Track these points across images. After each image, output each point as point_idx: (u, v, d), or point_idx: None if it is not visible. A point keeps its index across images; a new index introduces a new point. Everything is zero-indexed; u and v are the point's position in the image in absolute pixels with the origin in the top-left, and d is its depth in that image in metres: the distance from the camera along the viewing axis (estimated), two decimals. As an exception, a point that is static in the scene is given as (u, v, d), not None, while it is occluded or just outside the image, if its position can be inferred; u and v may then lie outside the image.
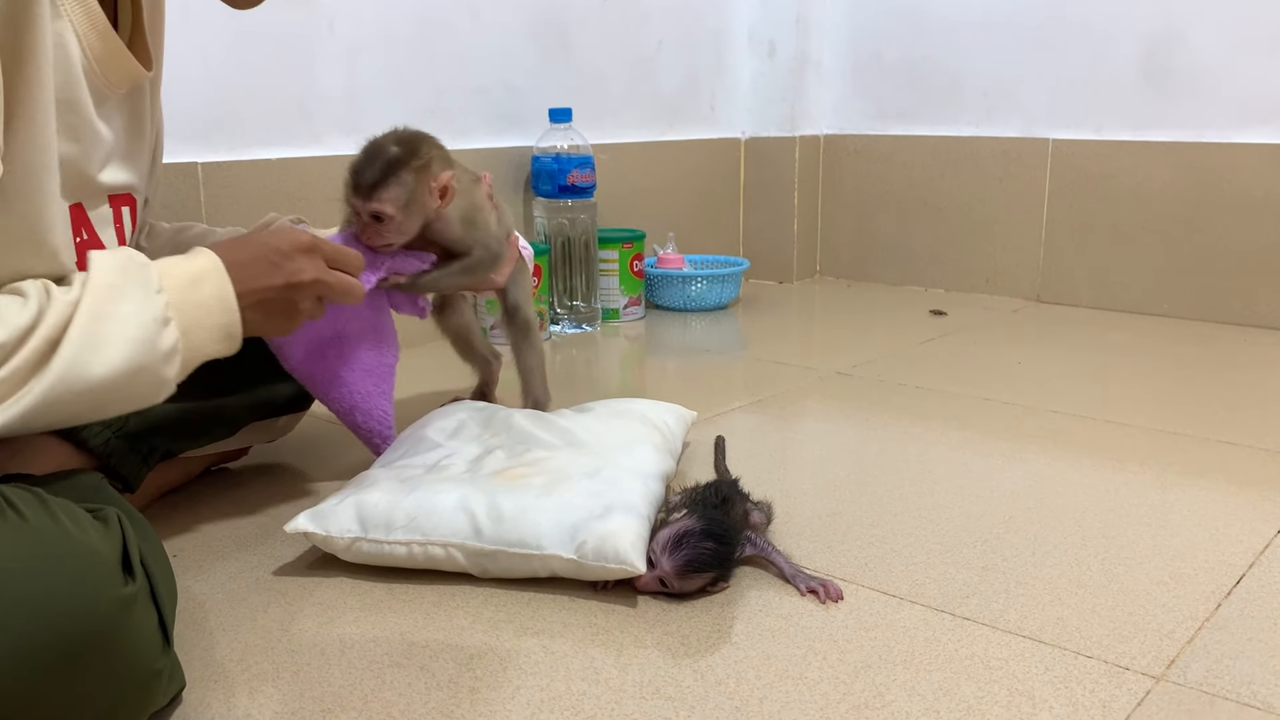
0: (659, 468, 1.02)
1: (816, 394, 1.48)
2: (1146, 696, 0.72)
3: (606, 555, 0.84)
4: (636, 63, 2.08)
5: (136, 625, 0.61)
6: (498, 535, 0.87)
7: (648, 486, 0.96)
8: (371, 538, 0.89)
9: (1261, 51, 1.80)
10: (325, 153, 1.59)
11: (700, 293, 2.02)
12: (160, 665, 0.64)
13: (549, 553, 0.86)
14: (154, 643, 0.63)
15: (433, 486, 0.93)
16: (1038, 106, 2.05)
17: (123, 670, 0.60)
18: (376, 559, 0.90)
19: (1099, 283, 2.02)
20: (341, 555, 0.91)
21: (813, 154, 2.31)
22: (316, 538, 0.90)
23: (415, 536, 0.89)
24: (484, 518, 0.88)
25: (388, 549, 0.89)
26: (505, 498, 0.90)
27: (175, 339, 0.74)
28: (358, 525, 0.90)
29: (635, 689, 0.73)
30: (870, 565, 0.92)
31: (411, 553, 0.89)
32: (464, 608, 0.85)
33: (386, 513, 0.90)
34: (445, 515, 0.89)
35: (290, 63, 1.54)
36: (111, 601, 0.59)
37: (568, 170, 1.79)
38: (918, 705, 0.71)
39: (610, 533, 0.85)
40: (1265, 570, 0.91)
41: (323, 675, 0.75)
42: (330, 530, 0.90)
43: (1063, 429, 1.30)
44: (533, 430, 1.08)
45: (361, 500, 0.91)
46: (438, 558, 0.89)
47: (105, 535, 0.62)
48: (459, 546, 0.88)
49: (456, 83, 1.76)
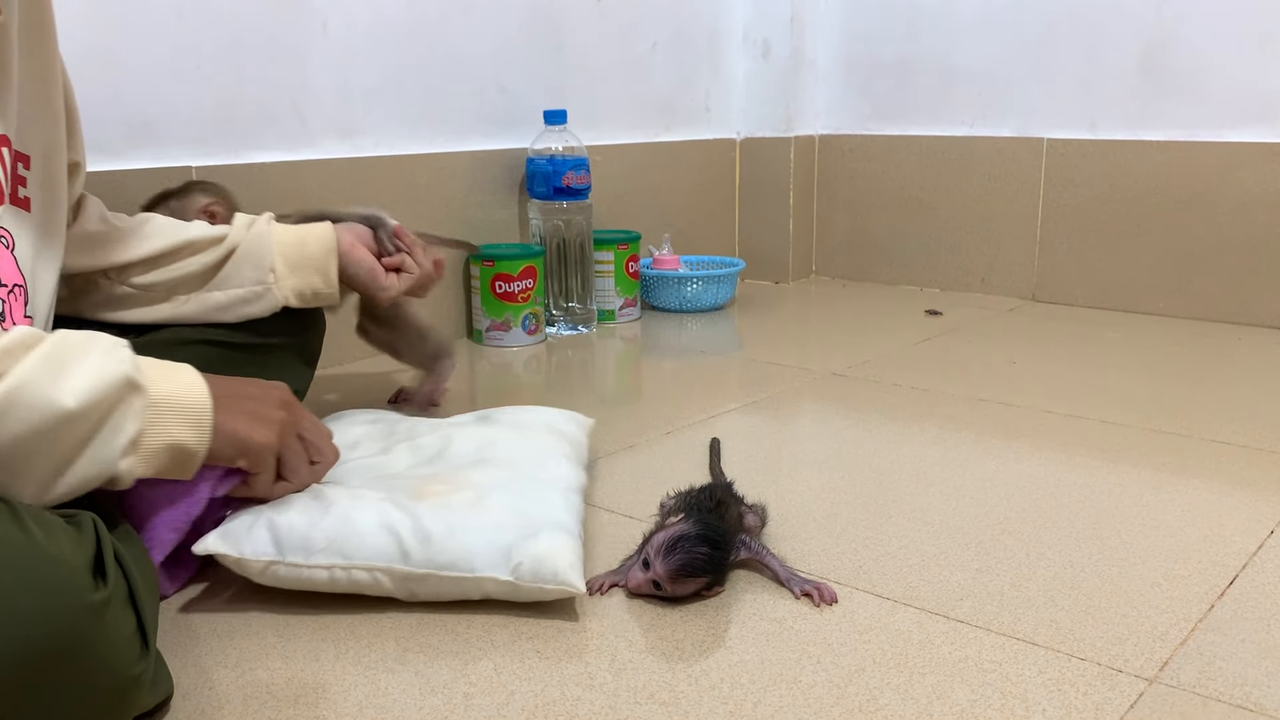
0: (576, 480, 1.01)
1: (812, 395, 1.48)
2: (1139, 699, 0.72)
3: (544, 576, 0.82)
4: (631, 63, 2.08)
5: (110, 630, 0.60)
6: (426, 558, 0.83)
7: (570, 501, 0.94)
8: (290, 561, 0.83)
9: (1256, 50, 1.80)
10: (320, 155, 1.59)
11: (696, 294, 2.02)
12: (137, 670, 0.62)
13: (483, 575, 0.83)
14: (131, 647, 0.62)
15: (350, 504, 0.86)
16: (1032, 105, 2.05)
17: (98, 677, 0.59)
18: (294, 583, 0.84)
19: (1094, 282, 2.02)
20: (256, 579, 0.84)
21: (808, 154, 2.31)
22: (229, 559, 0.83)
23: (337, 560, 0.83)
24: (411, 539, 0.83)
25: (307, 573, 0.83)
26: (431, 518, 0.86)
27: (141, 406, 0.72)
28: (273, 547, 0.83)
29: (630, 694, 0.73)
30: (865, 568, 0.93)
31: (334, 577, 0.83)
32: (459, 612, 0.85)
33: (304, 534, 0.83)
34: (368, 537, 0.83)
35: (284, 65, 1.53)
36: (80, 609, 0.58)
37: (563, 172, 1.79)
38: (911, 710, 0.71)
39: (545, 553, 0.83)
40: (1258, 570, 0.91)
41: (316, 683, 0.75)
42: (244, 552, 0.83)
43: (1057, 429, 1.31)
44: (440, 444, 1.05)
45: (275, 520, 0.84)
46: (363, 582, 0.84)
47: (77, 541, 0.61)
48: (385, 570, 0.83)
49: (450, 85, 1.76)
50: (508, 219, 1.88)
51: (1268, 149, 1.80)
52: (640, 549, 0.89)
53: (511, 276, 1.72)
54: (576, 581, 0.83)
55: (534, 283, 1.75)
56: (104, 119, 1.33)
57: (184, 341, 1.06)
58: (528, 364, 1.68)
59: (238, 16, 1.48)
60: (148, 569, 0.71)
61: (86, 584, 0.59)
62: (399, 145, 1.70)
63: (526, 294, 1.74)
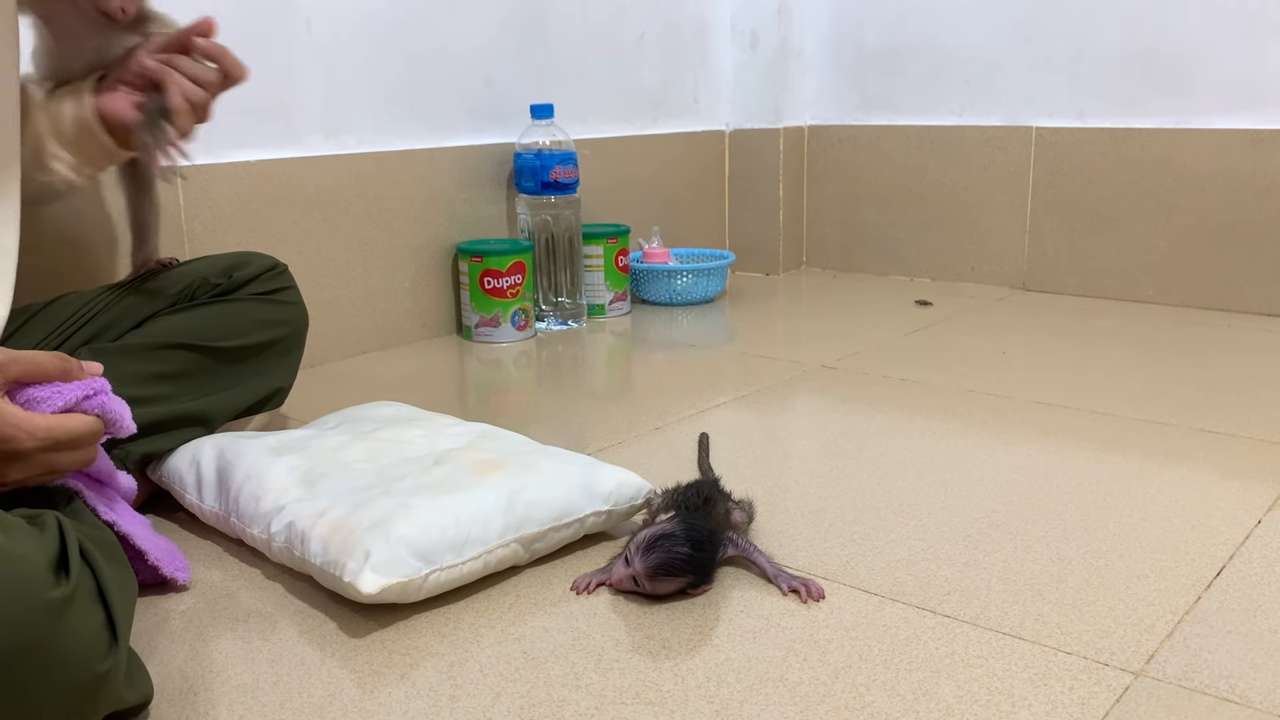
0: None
1: (802, 388, 1.48)
2: (1125, 692, 0.72)
3: (629, 495, 0.98)
4: (618, 55, 2.07)
5: (72, 628, 0.59)
6: (541, 518, 0.92)
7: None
8: (445, 565, 0.85)
9: (1244, 37, 1.80)
10: (305, 154, 1.58)
11: (686, 287, 2.02)
12: (105, 666, 0.61)
13: (586, 513, 0.95)
14: (97, 644, 0.61)
15: (454, 499, 0.90)
16: (1021, 94, 2.05)
17: (60, 675, 0.58)
18: (451, 584, 0.87)
19: (1084, 270, 2.02)
20: (415, 597, 0.84)
21: (797, 145, 2.31)
22: (393, 590, 0.82)
23: (481, 548, 0.88)
24: (521, 508, 0.91)
25: (463, 570, 0.87)
26: (518, 487, 0.93)
27: None
28: (421, 561, 0.84)
29: (616, 694, 0.73)
30: (852, 563, 0.93)
31: (486, 563, 0.89)
32: (442, 615, 0.85)
33: (441, 538, 0.86)
34: (494, 517, 0.90)
35: (267, 63, 1.52)
36: (38, 607, 0.57)
37: (550, 167, 1.78)
38: (897, 706, 0.71)
39: (620, 480, 0.98)
40: (1245, 561, 0.91)
41: (303, 685, 0.75)
42: (403, 576, 0.83)
43: (1047, 420, 1.31)
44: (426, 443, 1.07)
45: (408, 537, 0.84)
46: (504, 558, 0.90)
47: (39, 540, 0.61)
48: (518, 540, 0.91)
49: (436, 80, 1.75)
50: (496, 214, 1.87)
51: (1256, 136, 1.80)
52: (626, 545, 0.89)
53: (500, 272, 1.71)
54: (648, 486, 1.00)
55: (523, 278, 1.74)
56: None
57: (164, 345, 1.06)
58: (517, 360, 1.67)
59: (220, 14, 1.46)
60: (122, 565, 0.70)
61: (46, 581, 0.58)
62: (385, 141, 1.69)
63: (515, 289, 1.74)
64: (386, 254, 1.71)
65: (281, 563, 0.92)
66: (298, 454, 1.01)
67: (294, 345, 1.20)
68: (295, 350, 1.20)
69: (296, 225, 1.58)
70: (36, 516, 0.65)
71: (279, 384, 1.18)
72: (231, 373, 1.11)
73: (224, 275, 1.14)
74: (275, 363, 1.17)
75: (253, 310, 1.14)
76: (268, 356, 1.15)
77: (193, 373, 1.07)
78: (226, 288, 1.13)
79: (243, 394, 1.13)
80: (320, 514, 0.88)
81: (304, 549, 0.87)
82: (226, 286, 1.13)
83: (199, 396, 1.08)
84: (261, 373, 1.15)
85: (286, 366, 1.19)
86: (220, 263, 1.16)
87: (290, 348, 1.19)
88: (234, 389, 1.12)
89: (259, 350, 1.14)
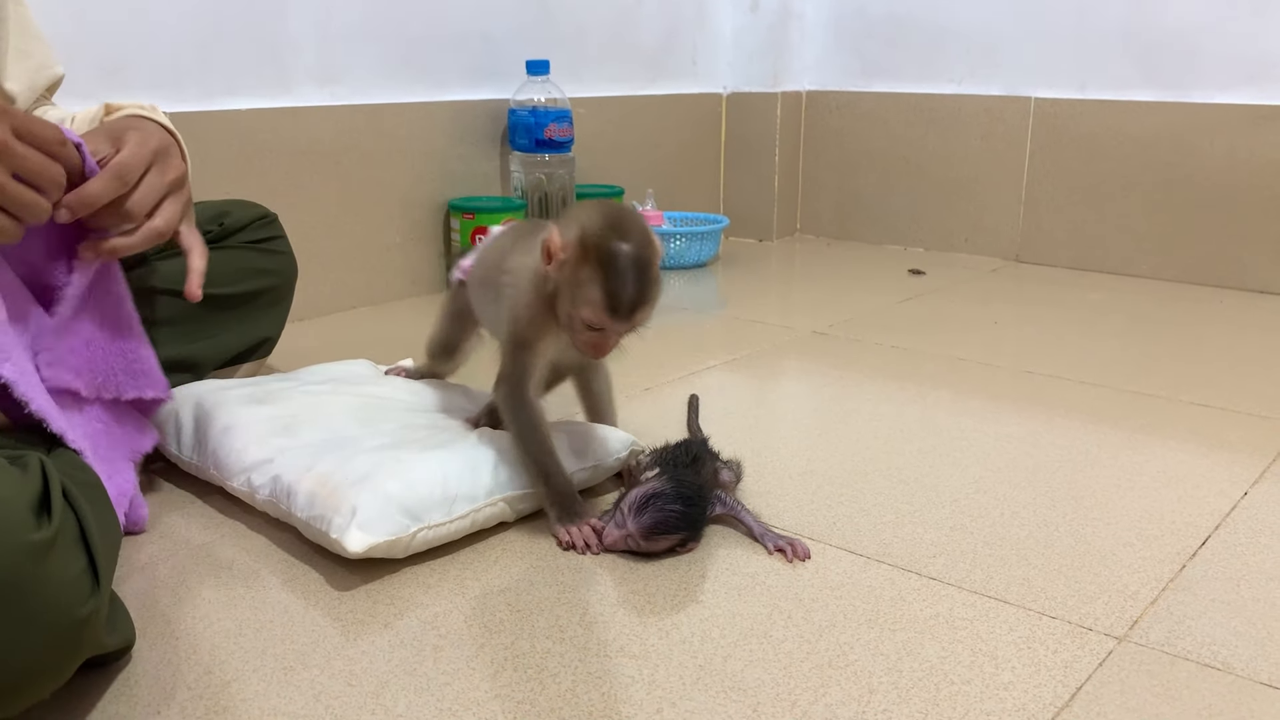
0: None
1: (793, 353, 1.47)
2: (1108, 657, 0.72)
3: (614, 451, 0.99)
4: (617, 14, 2.05)
5: (54, 570, 0.58)
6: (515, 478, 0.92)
7: None
8: (433, 523, 0.85)
9: (1246, 12, 1.79)
10: (297, 103, 1.56)
11: (679, 250, 2.01)
12: (86, 610, 0.60)
13: (574, 470, 0.94)
14: (79, 587, 0.60)
15: (452, 454, 0.90)
16: (1021, 65, 2.03)
17: (41, 617, 0.57)
18: (438, 541, 0.86)
19: (1078, 243, 2.02)
20: (402, 554, 0.84)
21: (794, 110, 2.29)
22: (379, 548, 0.81)
23: (469, 506, 0.87)
24: (509, 465, 0.91)
25: (450, 528, 0.86)
26: (505, 444, 0.93)
27: None
28: (409, 519, 0.83)
29: (599, 647, 0.73)
30: (839, 524, 0.92)
31: (473, 521, 0.88)
32: (428, 567, 0.85)
33: (430, 494, 0.85)
34: (479, 476, 0.89)
35: (261, 9, 1.50)
36: (18, 548, 0.56)
37: (545, 124, 1.76)
38: (880, 664, 0.71)
39: (604, 436, 1.00)
40: (1230, 532, 0.92)
41: (286, 633, 0.75)
42: (389, 534, 0.82)
43: (1037, 389, 1.30)
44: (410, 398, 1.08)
45: (397, 496, 0.84)
46: (491, 516, 0.90)
47: (20, 481, 0.60)
48: (505, 499, 0.90)
49: (432, 32, 1.73)
50: (489, 171, 1.85)
51: (1256, 111, 1.79)
52: (615, 505, 0.88)
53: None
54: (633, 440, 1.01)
55: (515, 236, 1.73)
56: (76, 61, 1.30)
57: (154, 291, 1.04)
58: (508, 318, 1.66)
59: (213, -42, 1.44)
60: (106, 510, 0.69)
61: (27, 523, 0.57)
62: (378, 94, 1.67)
63: (507, 248, 1.72)
64: (378, 208, 1.69)
65: (266, 513, 0.91)
66: (278, 404, 1.00)
67: (283, 295, 1.19)
68: (284, 300, 1.19)
69: (287, 176, 1.56)
70: (19, 457, 0.64)
71: (267, 333, 1.17)
72: (220, 320, 1.10)
73: (214, 222, 1.12)
74: (264, 312, 1.16)
75: (243, 258, 1.13)
76: (257, 305, 1.14)
77: (181, 319, 1.06)
78: (217, 235, 1.12)
79: (231, 341, 1.13)
80: (308, 468, 0.88)
81: (290, 503, 0.86)
82: (217, 234, 1.12)
83: (187, 343, 1.07)
84: (250, 321, 1.14)
85: (275, 316, 1.18)
86: (210, 210, 1.14)
87: (279, 297, 1.18)
88: (222, 336, 1.11)
89: (248, 299, 1.13)
